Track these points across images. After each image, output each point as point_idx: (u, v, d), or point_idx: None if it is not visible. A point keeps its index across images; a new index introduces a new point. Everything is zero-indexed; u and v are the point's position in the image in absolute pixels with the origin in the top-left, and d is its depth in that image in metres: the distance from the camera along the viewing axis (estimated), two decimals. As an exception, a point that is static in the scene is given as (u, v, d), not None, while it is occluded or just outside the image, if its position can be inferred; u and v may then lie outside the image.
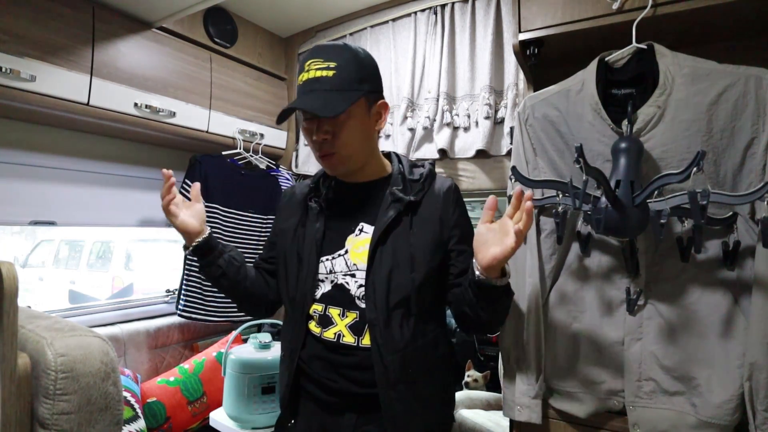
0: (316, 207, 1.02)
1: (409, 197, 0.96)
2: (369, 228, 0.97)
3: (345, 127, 0.91)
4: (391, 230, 0.94)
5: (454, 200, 0.99)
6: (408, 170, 1.01)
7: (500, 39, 1.52)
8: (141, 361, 1.71)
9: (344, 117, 0.90)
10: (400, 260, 0.93)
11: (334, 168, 0.97)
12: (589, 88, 1.01)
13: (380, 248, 0.94)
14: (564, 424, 1.08)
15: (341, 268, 0.97)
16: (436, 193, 0.99)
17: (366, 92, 0.92)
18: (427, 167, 1.03)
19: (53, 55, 1.26)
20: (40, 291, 5.25)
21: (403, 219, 0.95)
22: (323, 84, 0.89)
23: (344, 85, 0.90)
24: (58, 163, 1.53)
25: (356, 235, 0.98)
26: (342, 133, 0.91)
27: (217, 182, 1.77)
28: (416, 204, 0.97)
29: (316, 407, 1.00)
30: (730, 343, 0.91)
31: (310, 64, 0.91)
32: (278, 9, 1.85)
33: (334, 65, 0.89)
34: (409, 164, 1.03)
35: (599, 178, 0.91)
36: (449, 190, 0.99)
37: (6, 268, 0.65)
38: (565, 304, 1.09)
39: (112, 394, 0.72)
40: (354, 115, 0.92)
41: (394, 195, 0.96)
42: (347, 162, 0.96)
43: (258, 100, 1.92)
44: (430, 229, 0.95)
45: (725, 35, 1.12)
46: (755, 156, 0.89)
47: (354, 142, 0.94)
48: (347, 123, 0.91)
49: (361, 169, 1.00)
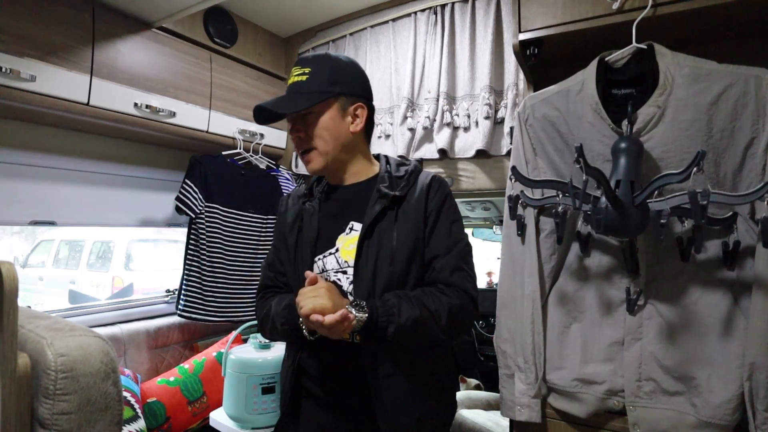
0: (310, 209, 1.06)
1: (394, 192, 0.99)
2: (358, 226, 1.00)
3: (315, 124, 0.98)
4: (377, 224, 0.98)
5: (435, 190, 1.02)
6: (395, 168, 1.05)
7: (500, 39, 1.52)
8: (141, 361, 1.71)
9: (313, 116, 0.98)
10: (384, 253, 0.95)
11: (311, 164, 1.02)
12: (589, 88, 1.01)
13: (367, 242, 0.96)
14: (564, 424, 1.08)
15: (332, 266, 1.00)
16: (419, 187, 1.02)
17: (336, 93, 0.98)
18: (413, 163, 1.07)
19: (53, 55, 1.26)
20: (40, 291, 5.25)
21: (388, 213, 0.99)
22: (297, 87, 0.98)
23: (312, 88, 0.98)
24: (58, 163, 1.53)
25: (347, 233, 1.01)
26: (312, 130, 0.98)
27: (217, 182, 1.77)
28: (401, 198, 1.00)
29: (316, 406, 1.01)
30: (730, 343, 0.91)
31: (292, 71, 1.01)
32: (278, 9, 1.85)
33: (308, 71, 0.98)
34: (396, 163, 1.08)
35: (599, 178, 0.91)
36: (431, 182, 1.03)
37: (6, 268, 0.65)
38: (565, 304, 1.09)
39: (112, 394, 0.72)
40: (322, 113, 0.98)
41: (380, 191, 1.00)
42: (322, 158, 1.00)
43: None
44: (413, 221, 0.98)
45: (725, 35, 1.12)
46: (755, 156, 0.89)
47: (326, 139, 0.99)
48: (317, 121, 0.98)
49: (346, 170, 1.05)
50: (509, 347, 1.11)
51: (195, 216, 1.73)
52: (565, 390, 1.06)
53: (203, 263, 1.74)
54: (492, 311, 1.95)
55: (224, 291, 1.80)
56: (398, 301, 0.90)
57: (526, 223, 1.11)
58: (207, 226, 1.75)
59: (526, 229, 1.11)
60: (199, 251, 1.74)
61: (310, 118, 0.98)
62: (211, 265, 1.76)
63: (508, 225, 1.15)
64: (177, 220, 1.87)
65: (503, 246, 1.17)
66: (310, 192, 1.11)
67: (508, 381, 1.11)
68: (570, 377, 1.06)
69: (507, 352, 1.12)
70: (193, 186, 1.71)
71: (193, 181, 1.72)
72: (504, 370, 1.13)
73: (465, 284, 0.96)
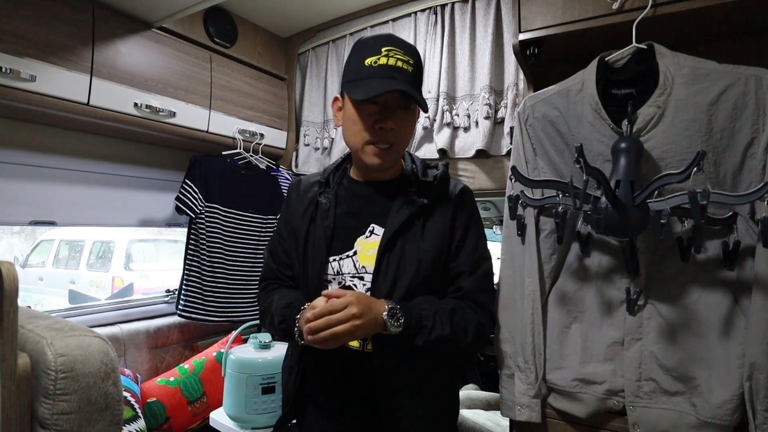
0: (326, 203, 0.99)
1: (422, 200, 0.95)
2: (379, 230, 0.96)
3: (407, 123, 0.94)
4: (401, 234, 0.93)
5: (464, 203, 0.99)
6: (421, 171, 1.00)
7: (500, 39, 1.52)
8: (141, 361, 1.71)
9: (410, 115, 0.94)
10: (408, 266, 0.92)
11: (385, 160, 0.93)
12: (589, 88, 1.01)
13: (389, 253, 0.92)
14: (564, 423, 1.08)
15: (349, 270, 0.96)
16: (448, 197, 0.98)
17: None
18: (441, 169, 1.01)
19: (53, 55, 1.26)
20: (40, 291, 5.25)
21: (414, 223, 0.94)
22: (403, 75, 0.89)
23: (418, 85, 0.93)
24: (58, 163, 1.53)
25: (366, 236, 0.97)
26: (407, 129, 0.94)
27: (217, 182, 1.77)
28: (428, 207, 0.95)
29: (319, 412, 0.99)
30: (730, 343, 0.91)
31: (390, 50, 0.90)
32: (278, 9, 1.85)
33: (412, 62, 0.91)
34: (422, 165, 1.02)
35: (599, 178, 0.91)
36: (461, 194, 1.00)
37: (6, 268, 0.65)
38: (565, 304, 1.09)
39: (112, 394, 0.72)
40: (414, 114, 0.96)
41: (407, 197, 0.95)
42: (398, 157, 0.97)
43: (258, 100, 1.92)
44: (440, 234, 0.95)
45: (725, 35, 1.12)
46: (755, 156, 0.89)
47: (407, 140, 0.96)
48: (411, 121, 0.94)
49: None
50: (509, 347, 1.11)
51: (195, 216, 1.73)
52: (565, 390, 1.06)
53: (203, 263, 1.74)
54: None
55: (224, 291, 1.80)
56: (432, 312, 0.87)
57: (526, 223, 1.11)
58: (207, 226, 1.75)
59: (526, 229, 1.11)
60: (199, 251, 1.74)
61: (407, 115, 0.92)
62: (211, 265, 1.76)
63: (508, 225, 1.15)
64: (177, 220, 1.87)
65: (503, 246, 1.16)
66: (326, 181, 1.03)
67: (508, 381, 1.11)
68: (570, 377, 1.06)
69: (507, 352, 1.12)
70: (193, 186, 1.71)
71: (193, 181, 1.72)
72: (504, 370, 1.13)
73: (492, 306, 0.95)
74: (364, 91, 0.87)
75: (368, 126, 0.91)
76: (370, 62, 0.89)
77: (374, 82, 0.88)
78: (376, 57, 0.89)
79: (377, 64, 0.89)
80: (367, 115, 0.91)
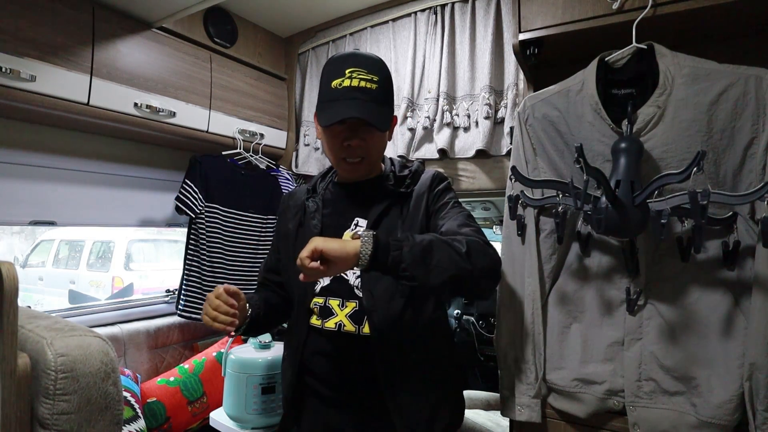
0: (313, 206, 1.07)
1: (399, 189, 1.02)
2: (363, 222, 1.01)
3: (374, 137, 0.98)
4: (383, 219, 1.00)
5: (436, 183, 1.03)
6: (399, 169, 1.07)
7: (500, 39, 1.52)
8: (141, 361, 1.71)
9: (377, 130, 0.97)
10: None
11: (357, 172, 1.02)
12: (589, 88, 1.01)
13: None
14: (564, 423, 1.08)
15: None
16: (421, 184, 1.04)
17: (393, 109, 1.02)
18: (416, 164, 1.10)
19: (53, 55, 1.26)
20: (40, 291, 5.25)
21: (392, 209, 1.01)
22: (367, 94, 0.94)
23: (384, 100, 0.98)
24: (58, 163, 1.52)
25: (352, 229, 1.02)
26: (375, 141, 0.99)
27: (217, 182, 1.77)
28: (406, 196, 1.02)
29: (321, 404, 1.00)
30: (730, 343, 0.91)
31: (353, 72, 0.94)
32: (278, 9, 1.85)
33: (377, 79, 0.95)
34: (399, 163, 1.10)
35: (599, 178, 0.91)
36: (432, 178, 1.04)
37: (6, 268, 0.65)
38: (565, 304, 1.09)
39: (112, 394, 0.72)
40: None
41: (386, 189, 1.02)
42: (370, 168, 1.03)
43: (258, 100, 1.92)
44: (418, 215, 1.00)
45: (725, 35, 1.12)
46: (755, 156, 0.89)
47: (379, 151, 1.03)
48: (381, 134, 0.99)
49: None
50: (509, 347, 1.11)
51: (195, 216, 1.73)
52: (565, 390, 1.06)
53: (203, 263, 1.74)
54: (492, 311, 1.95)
55: (224, 291, 1.80)
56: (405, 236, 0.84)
57: (526, 223, 1.11)
58: (207, 226, 1.75)
59: (526, 229, 1.11)
60: (199, 251, 1.74)
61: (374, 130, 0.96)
62: (211, 265, 1.76)
63: (508, 225, 1.15)
64: (177, 220, 1.87)
65: (503, 246, 1.17)
66: (313, 189, 1.12)
67: (508, 381, 1.11)
68: (570, 377, 1.06)
69: (507, 352, 1.12)
70: (193, 186, 1.71)
71: (193, 181, 1.72)
72: (504, 370, 1.13)
73: (475, 234, 0.91)
74: (326, 117, 0.94)
75: (338, 145, 0.98)
76: (336, 84, 0.94)
77: (338, 106, 0.93)
78: (341, 79, 0.94)
79: (342, 86, 0.94)
80: (335, 135, 0.98)
